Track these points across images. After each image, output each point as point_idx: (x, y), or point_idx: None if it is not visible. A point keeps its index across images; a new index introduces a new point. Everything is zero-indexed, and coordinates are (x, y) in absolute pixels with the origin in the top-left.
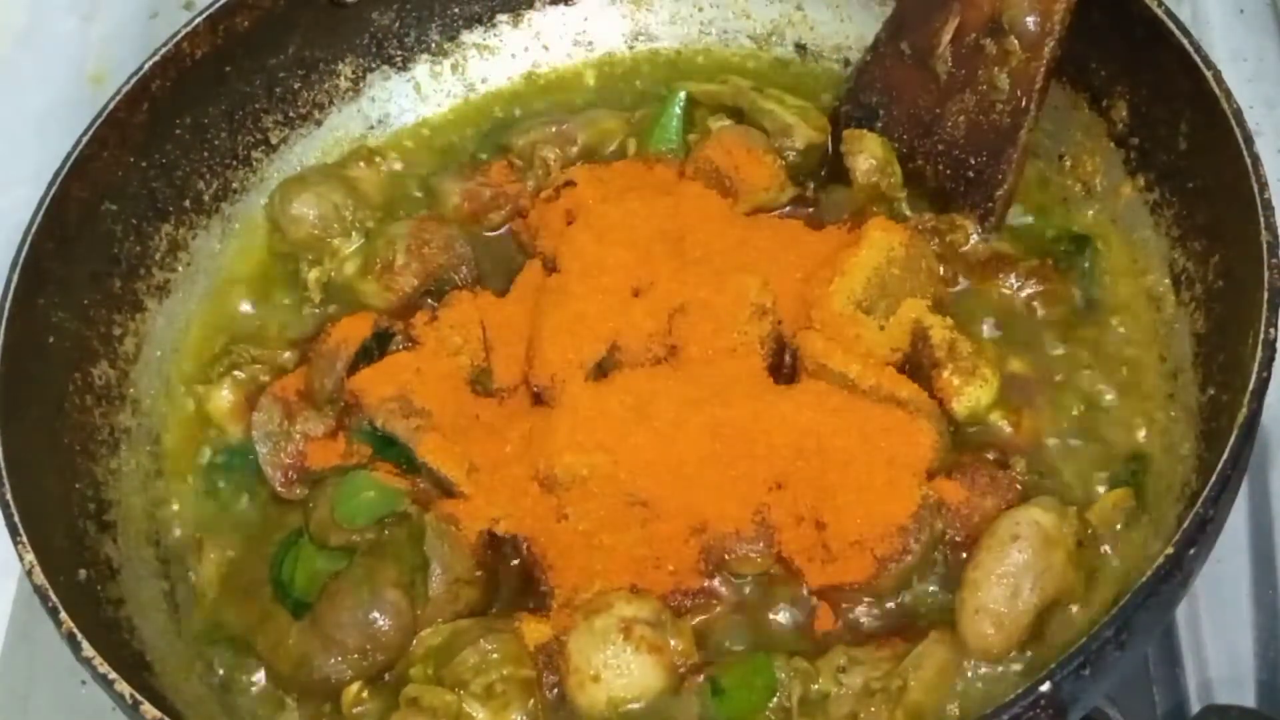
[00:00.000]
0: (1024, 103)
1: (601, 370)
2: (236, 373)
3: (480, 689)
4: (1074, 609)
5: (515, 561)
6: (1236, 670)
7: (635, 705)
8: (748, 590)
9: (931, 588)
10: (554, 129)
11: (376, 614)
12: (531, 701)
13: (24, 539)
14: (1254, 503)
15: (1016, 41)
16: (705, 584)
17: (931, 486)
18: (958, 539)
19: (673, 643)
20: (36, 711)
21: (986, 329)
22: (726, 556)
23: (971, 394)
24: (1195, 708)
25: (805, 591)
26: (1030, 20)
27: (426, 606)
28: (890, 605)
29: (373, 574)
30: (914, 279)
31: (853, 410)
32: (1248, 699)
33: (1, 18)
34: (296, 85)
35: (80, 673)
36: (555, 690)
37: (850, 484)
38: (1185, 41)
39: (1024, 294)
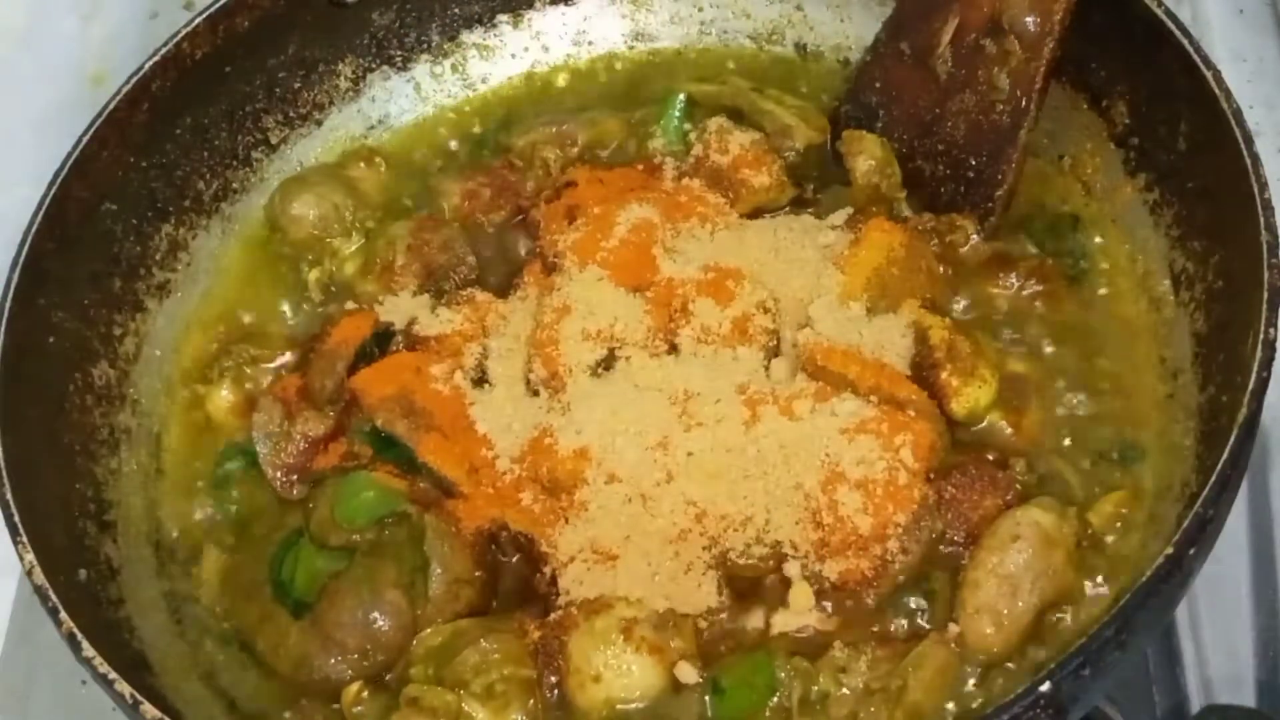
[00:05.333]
0: (1024, 103)
1: (602, 369)
2: (238, 371)
3: (480, 689)
4: (1074, 609)
5: (514, 559)
6: (1236, 670)
7: (635, 705)
8: (749, 590)
9: (931, 590)
10: (554, 129)
11: (377, 614)
12: (531, 701)
13: (24, 539)
14: (1254, 503)
15: (1016, 41)
16: (707, 585)
17: (931, 487)
18: (957, 539)
19: (673, 643)
20: (36, 711)
21: (986, 329)
22: (729, 558)
23: (970, 394)
24: (1195, 708)
25: (806, 591)
26: (1029, 20)
27: (426, 606)
28: (890, 605)
29: (373, 574)
30: (914, 279)
31: (853, 411)
32: (1248, 699)
33: (1, 18)
34: (297, 85)
35: (80, 673)
36: (555, 690)
37: (850, 484)
38: (1185, 42)
39: (1024, 294)
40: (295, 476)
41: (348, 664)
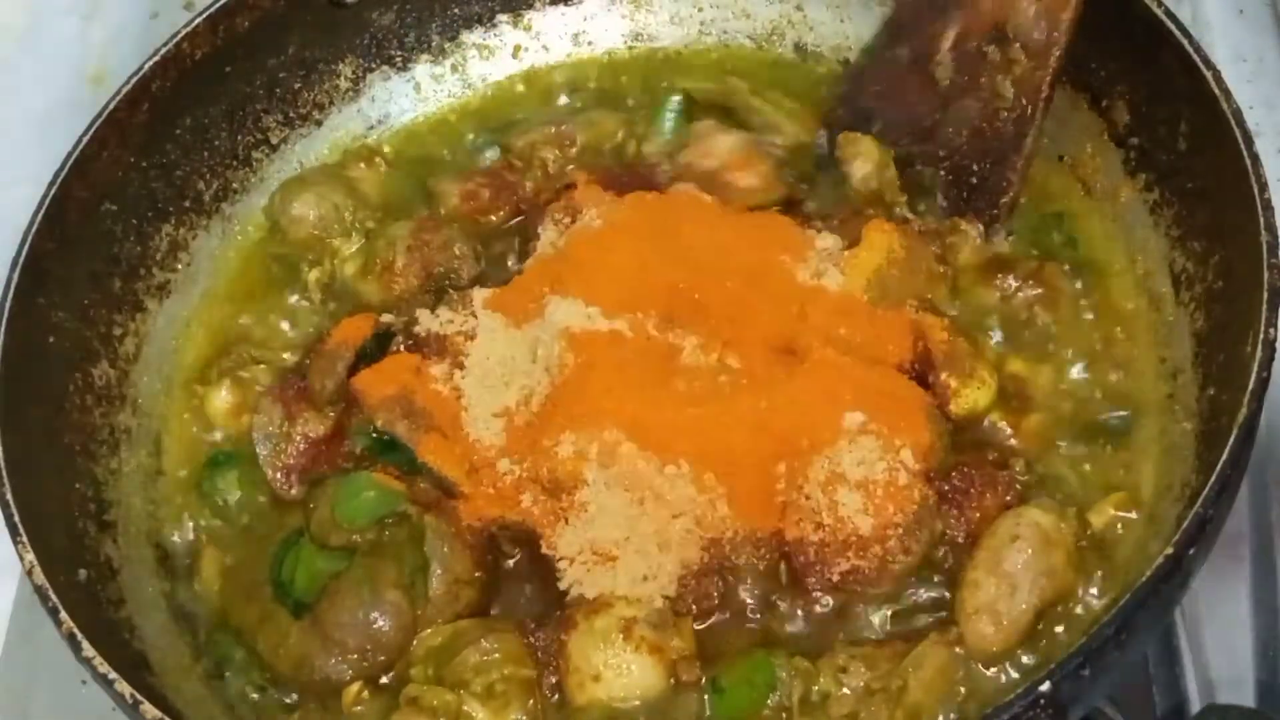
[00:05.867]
0: (1029, 110)
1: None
2: (238, 372)
3: (480, 688)
4: (1074, 609)
5: (513, 562)
6: (1236, 670)
7: (635, 704)
8: (750, 590)
9: (931, 590)
10: (553, 130)
11: (377, 614)
12: (531, 701)
13: (24, 539)
14: (1254, 503)
15: (1022, 50)
16: (707, 585)
17: (931, 487)
18: (958, 539)
19: (673, 643)
20: (36, 711)
21: (985, 330)
22: (729, 558)
23: (969, 395)
24: (1195, 708)
25: (807, 592)
26: (1036, 30)
27: (426, 607)
28: (890, 605)
29: (373, 574)
30: (914, 280)
31: (853, 412)
32: (1248, 699)
33: (1, 18)
34: (297, 85)
35: (80, 673)
36: (555, 691)
37: (850, 484)
38: (1185, 42)
39: (1023, 296)
40: (295, 477)
41: (348, 664)
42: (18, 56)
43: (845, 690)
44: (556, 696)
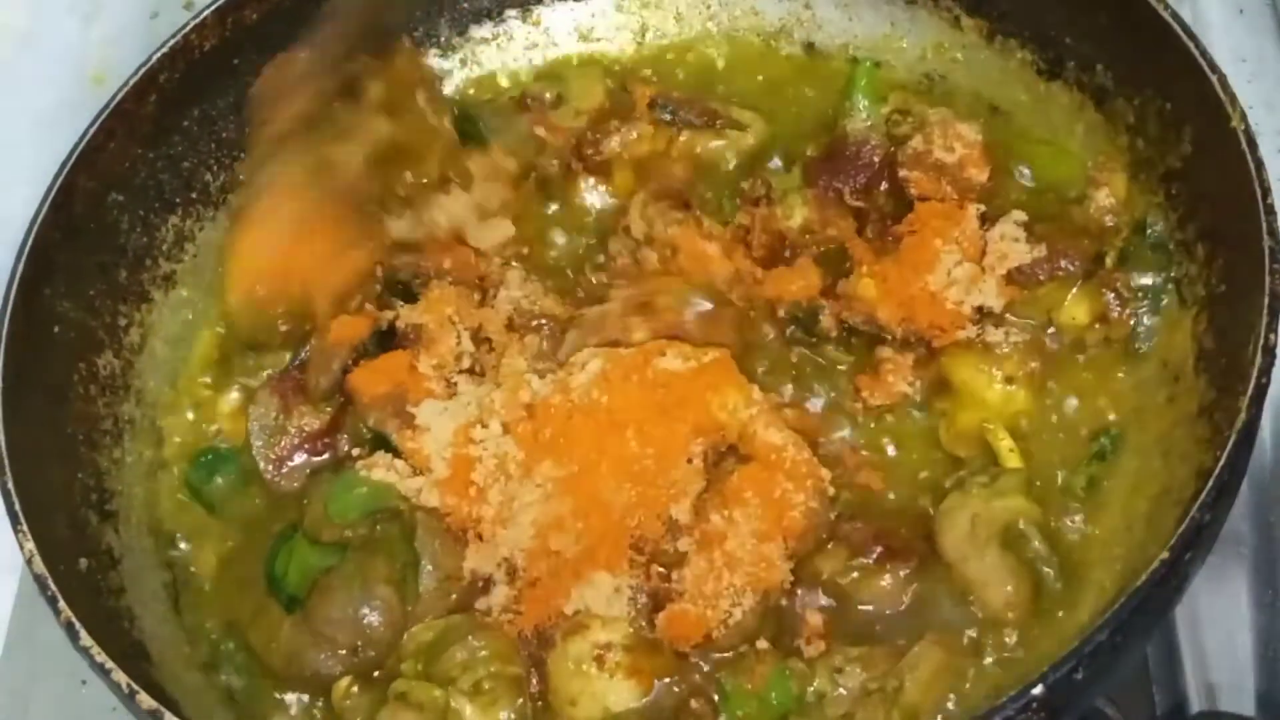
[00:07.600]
0: None
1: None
2: (242, 379)
3: (468, 685)
4: (1069, 611)
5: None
6: (1236, 673)
7: (625, 710)
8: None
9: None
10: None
11: (367, 610)
12: (520, 700)
13: (24, 527)
14: (1254, 503)
15: None
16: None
17: (804, 560)
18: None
19: (655, 660)
20: (36, 711)
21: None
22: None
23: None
24: (1195, 709)
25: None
26: None
27: (417, 603)
28: (890, 608)
29: (364, 570)
30: None
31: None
32: (1247, 701)
33: (2, 19)
34: None
35: (81, 673)
36: (541, 698)
37: (715, 546)
38: (1190, 44)
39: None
40: (288, 470)
41: (338, 660)
42: (18, 57)
43: (841, 691)
44: (541, 702)
